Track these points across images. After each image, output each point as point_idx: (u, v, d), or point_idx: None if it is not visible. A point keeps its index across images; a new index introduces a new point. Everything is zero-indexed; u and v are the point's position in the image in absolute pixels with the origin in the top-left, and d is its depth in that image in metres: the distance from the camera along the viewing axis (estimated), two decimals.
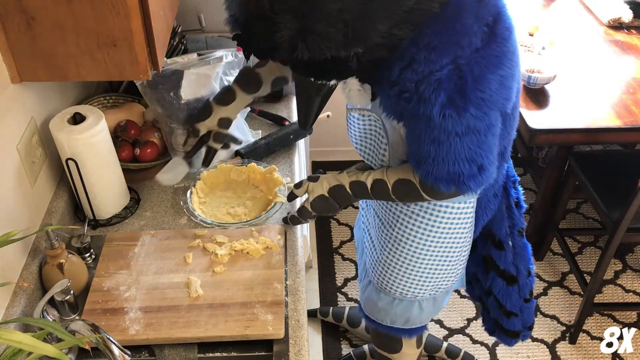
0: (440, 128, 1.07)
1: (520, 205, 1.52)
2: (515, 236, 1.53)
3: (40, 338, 0.89)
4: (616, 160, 2.36)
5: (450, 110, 1.05)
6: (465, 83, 1.04)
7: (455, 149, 1.10)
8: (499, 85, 1.07)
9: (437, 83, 1.04)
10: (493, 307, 1.66)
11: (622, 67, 2.25)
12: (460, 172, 1.13)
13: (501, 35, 1.07)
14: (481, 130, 1.10)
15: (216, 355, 1.24)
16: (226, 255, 1.38)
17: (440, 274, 1.50)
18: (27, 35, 1.17)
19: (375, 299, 1.61)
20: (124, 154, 1.56)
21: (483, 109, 1.07)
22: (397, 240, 1.46)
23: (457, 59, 1.03)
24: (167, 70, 1.54)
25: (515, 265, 1.56)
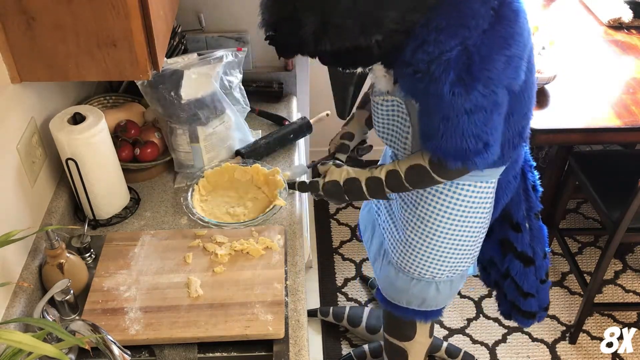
0: (450, 105, 1.15)
1: (537, 189, 1.57)
2: (532, 219, 1.58)
3: (40, 338, 0.89)
4: (616, 160, 2.36)
5: (459, 88, 1.13)
6: (473, 62, 1.11)
7: (463, 125, 1.17)
8: (505, 65, 1.14)
9: (446, 63, 1.11)
10: (510, 289, 1.70)
11: (622, 67, 2.25)
12: (467, 148, 1.19)
13: (507, 17, 1.14)
14: (488, 108, 1.16)
15: (216, 355, 1.24)
16: (226, 255, 1.38)
17: (459, 254, 1.53)
18: (27, 35, 1.17)
19: (393, 279, 1.63)
20: (124, 154, 1.56)
21: (490, 86, 1.14)
22: (419, 218, 1.49)
23: (465, 40, 1.11)
24: (167, 70, 1.54)
25: (532, 247, 1.60)
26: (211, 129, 1.58)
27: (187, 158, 1.61)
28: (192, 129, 1.56)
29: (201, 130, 1.56)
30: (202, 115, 1.56)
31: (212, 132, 1.59)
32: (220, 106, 1.60)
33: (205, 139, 1.58)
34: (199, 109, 1.56)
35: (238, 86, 1.75)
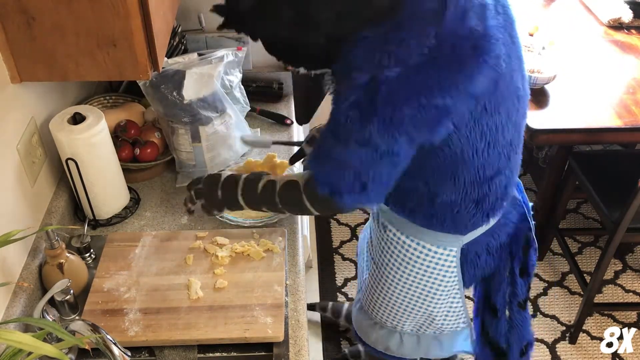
0: (343, 126, 1.05)
1: (528, 274, 1.41)
2: (513, 307, 1.43)
3: (40, 338, 0.89)
4: (616, 160, 2.36)
5: (355, 113, 1.02)
6: (379, 94, 1.00)
7: (348, 154, 1.06)
8: (415, 113, 1.00)
9: (354, 82, 1.02)
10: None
11: (622, 67, 2.25)
12: (342, 178, 1.09)
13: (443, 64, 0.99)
14: (380, 149, 1.04)
15: (216, 355, 1.24)
16: (227, 257, 1.38)
17: (419, 312, 1.47)
18: (27, 35, 1.17)
19: (361, 318, 1.62)
20: (124, 154, 1.56)
21: (389, 128, 1.02)
22: (379, 265, 1.46)
23: (381, 67, 0.99)
24: (169, 70, 1.54)
25: (506, 339, 1.45)
26: (213, 129, 1.58)
27: (188, 158, 1.61)
28: (193, 129, 1.56)
29: (203, 129, 1.56)
30: (203, 115, 1.56)
31: (213, 131, 1.58)
32: (221, 105, 1.59)
33: (207, 138, 1.58)
34: (200, 109, 1.56)
35: (238, 85, 1.75)
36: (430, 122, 1.03)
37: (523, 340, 1.46)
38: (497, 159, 1.17)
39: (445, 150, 1.11)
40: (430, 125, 1.04)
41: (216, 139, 1.60)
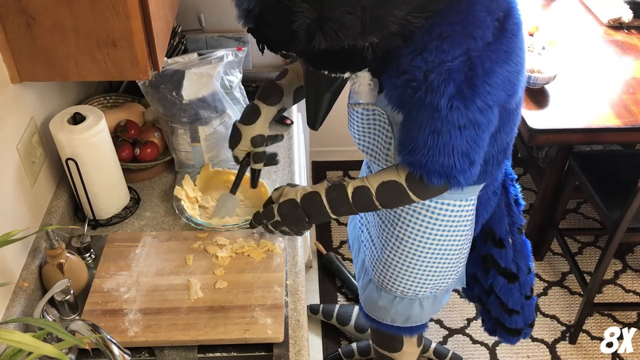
0: (445, 119, 1.07)
1: (519, 203, 1.53)
2: (515, 234, 1.54)
3: (40, 338, 0.89)
4: (616, 160, 2.36)
5: (458, 102, 1.05)
6: (476, 75, 1.05)
7: (454, 141, 1.10)
8: (505, 80, 1.08)
9: (447, 73, 1.04)
10: (494, 306, 1.66)
11: (622, 67, 2.25)
12: (454, 165, 1.12)
13: (511, 31, 1.08)
14: (481, 125, 1.10)
15: (216, 355, 1.24)
16: (227, 258, 1.38)
17: (442, 272, 1.50)
18: (27, 35, 1.17)
19: (376, 298, 1.61)
20: (124, 154, 1.56)
21: (488, 102, 1.08)
22: (398, 238, 1.45)
23: (469, 50, 1.04)
24: (168, 70, 1.54)
25: (515, 263, 1.56)
26: (212, 129, 1.58)
27: (188, 158, 1.61)
28: (193, 129, 1.56)
29: (202, 129, 1.56)
30: (203, 115, 1.56)
31: (213, 131, 1.58)
32: (221, 106, 1.59)
33: (206, 138, 1.58)
34: (200, 109, 1.56)
35: (238, 86, 1.75)
36: (515, 84, 1.11)
37: (527, 260, 1.58)
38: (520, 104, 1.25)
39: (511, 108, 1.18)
40: (516, 87, 1.12)
41: (215, 139, 1.60)
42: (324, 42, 0.97)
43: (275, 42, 1.06)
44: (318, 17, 0.95)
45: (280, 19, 0.99)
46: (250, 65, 2.04)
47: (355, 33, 0.97)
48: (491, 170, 1.30)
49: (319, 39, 0.97)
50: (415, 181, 1.18)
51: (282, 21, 0.98)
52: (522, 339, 1.70)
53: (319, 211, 1.24)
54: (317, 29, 0.96)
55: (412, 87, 1.07)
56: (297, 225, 1.27)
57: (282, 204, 1.26)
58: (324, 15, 0.95)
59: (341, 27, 0.96)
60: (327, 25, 0.95)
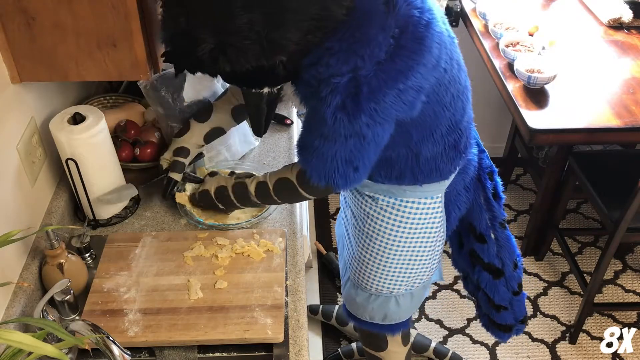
0: (331, 127, 1.13)
1: (499, 197, 1.54)
2: (497, 228, 1.55)
3: (40, 338, 0.89)
4: (616, 160, 2.36)
5: (342, 115, 1.10)
6: (361, 93, 1.08)
7: (337, 148, 1.16)
8: (396, 99, 1.10)
9: (334, 86, 1.08)
10: (483, 302, 1.68)
11: (622, 67, 2.25)
12: (336, 169, 1.19)
13: (408, 48, 1.09)
14: (367, 137, 1.14)
15: (216, 355, 1.24)
16: (227, 258, 1.38)
17: (415, 269, 1.52)
18: (27, 35, 1.17)
19: (354, 295, 1.63)
20: (124, 154, 1.56)
21: (375, 118, 1.11)
22: (368, 236, 1.48)
23: (357, 69, 1.06)
24: (168, 71, 1.54)
25: (500, 258, 1.57)
26: None
27: None
28: None
29: None
30: None
31: None
32: None
33: None
34: None
35: None
36: (409, 102, 1.14)
37: (513, 255, 1.58)
38: (461, 103, 1.29)
39: (420, 116, 1.21)
40: (410, 105, 1.14)
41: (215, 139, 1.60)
42: (228, 65, 1.03)
43: (188, 66, 1.11)
44: (218, 43, 1.01)
45: (186, 46, 1.04)
46: None
47: (256, 55, 1.02)
48: (444, 167, 1.34)
49: (223, 63, 1.03)
50: (303, 179, 1.26)
51: (189, 47, 1.04)
52: (514, 336, 1.70)
53: (229, 203, 1.40)
54: (220, 54, 1.02)
55: (310, 93, 1.13)
56: (212, 208, 1.44)
57: (200, 193, 1.43)
58: (223, 41, 1.01)
59: (240, 52, 1.01)
60: (228, 50, 1.01)
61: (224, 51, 1.01)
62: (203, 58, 1.03)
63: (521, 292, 1.64)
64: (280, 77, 1.13)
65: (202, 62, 1.04)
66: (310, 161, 1.21)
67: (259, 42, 1.00)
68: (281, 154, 1.70)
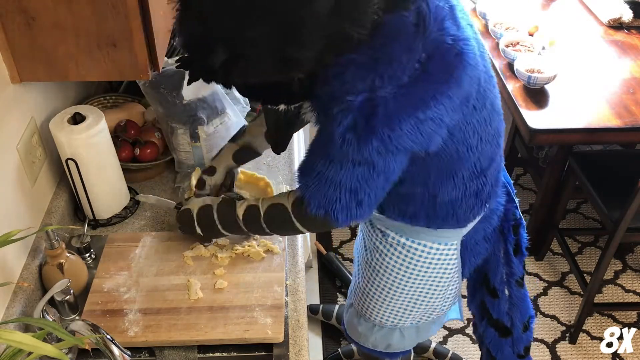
0: (338, 149, 1.03)
1: (522, 252, 1.45)
2: (512, 285, 1.47)
3: (40, 338, 0.89)
4: (616, 160, 2.36)
5: (352, 136, 1.01)
6: (375, 115, 0.99)
7: (343, 174, 1.06)
8: (413, 128, 1.01)
9: (348, 104, 1.00)
10: (486, 357, 1.61)
11: (622, 67, 2.25)
12: (338, 198, 1.09)
13: (435, 76, 1.01)
14: (377, 167, 1.05)
15: (216, 355, 1.24)
16: (227, 258, 1.38)
17: (421, 307, 1.47)
18: (27, 35, 1.17)
19: (356, 323, 1.60)
20: (124, 154, 1.56)
21: (388, 146, 1.02)
22: (375, 269, 1.44)
23: (374, 88, 0.98)
24: (168, 70, 1.54)
25: (509, 317, 1.50)
26: (212, 129, 1.58)
27: (187, 158, 1.61)
28: (192, 129, 1.56)
29: (202, 129, 1.56)
30: (202, 115, 1.56)
31: (212, 131, 1.58)
32: (220, 105, 1.60)
33: (206, 138, 1.58)
34: (200, 109, 1.55)
35: None
36: (427, 134, 1.03)
37: (525, 315, 1.51)
38: (489, 149, 1.20)
39: (441, 154, 1.12)
40: (428, 137, 1.04)
41: (215, 139, 1.60)
42: (240, 78, 0.99)
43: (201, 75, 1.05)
44: (231, 54, 0.95)
45: (201, 54, 0.99)
46: None
47: (268, 71, 0.96)
48: (462, 214, 1.26)
49: (235, 75, 0.97)
50: (299, 207, 1.16)
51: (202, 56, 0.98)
52: None
53: (209, 224, 1.28)
54: (233, 65, 0.96)
55: (320, 111, 1.05)
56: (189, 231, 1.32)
57: (180, 212, 1.33)
58: (236, 53, 0.95)
59: (254, 64, 0.95)
60: (241, 62, 0.95)
61: (237, 63, 0.95)
62: (215, 68, 0.97)
63: (527, 356, 1.56)
64: (296, 95, 1.05)
65: (215, 72, 0.99)
66: (310, 186, 1.11)
67: (273, 56, 0.94)
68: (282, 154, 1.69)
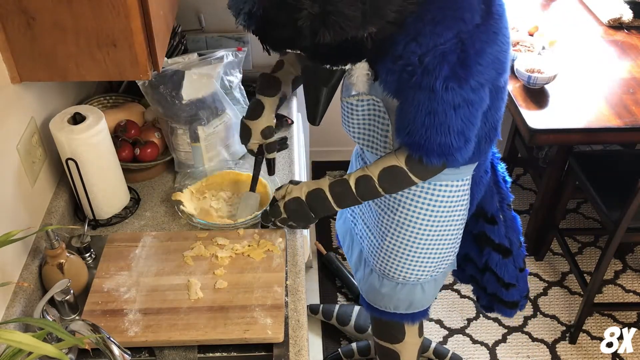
0: (440, 99, 1.11)
1: (506, 180, 1.58)
2: (505, 210, 1.58)
3: (40, 338, 0.89)
4: (616, 160, 2.36)
5: (453, 83, 1.10)
6: (468, 56, 1.09)
7: (449, 120, 1.14)
8: (495, 59, 1.14)
9: (441, 56, 1.08)
10: (490, 282, 1.70)
11: (622, 67, 2.25)
12: (450, 143, 1.17)
13: (497, 12, 1.14)
14: (475, 103, 1.15)
15: (216, 355, 1.24)
16: (227, 258, 1.38)
17: (441, 254, 1.53)
18: (27, 35, 1.17)
19: (378, 286, 1.62)
20: (124, 154, 1.56)
21: (480, 80, 1.13)
22: (399, 225, 1.47)
23: (460, 33, 1.09)
24: (168, 70, 1.54)
25: (508, 238, 1.60)
26: (212, 129, 1.58)
27: (187, 158, 1.61)
28: (192, 129, 1.56)
29: (201, 130, 1.56)
30: (202, 115, 1.56)
31: (212, 131, 1.59)
32: (220, 106, 1.60)
33: (206, 138, 1.58)
34: (199, 109, 1.56)
35: (238, 86, 1.75)
36: (504, 62, 1.17)
37: (518, 233, 1.62)
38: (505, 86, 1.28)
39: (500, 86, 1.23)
40: (504, 65, 1.18)
41: (215, 139, 1.60)
42: (328, 36, 1.01)
43: (280, 41, 1.08)
44: (321, 12, 0.99)
45: (284, 17, 1.01)
46: (250, 65, 2.04)
47: (357, 24, 1.01)
48: (484, 148, 1.34)
49: (323, 33, 1.00)
50: (414, 163, 1.22)
51: (286, 19, 1.01)
52: (519, 311, 1.74)
53: (324, 207, 1.32)
54: (321, 24, 0.99)
55: (408, 71, 1.11)
56: (304, 220, 1.36)
57: (288, 202, 1.33)
58: (326, 10, 0.98)
59: (344, 20, 0.99)
60: (330, 19, 0.99)
61: (326, 20, 0.99)
62: (302, 29, 1.00)
63: (525, 268, 1.68)
64: (365, 52, 1.11)
65: (300, 33, 1.01)
66: (422, 143, 1.17)
67: (362, 9, 1.00)
68: (281, 153, 1.70)
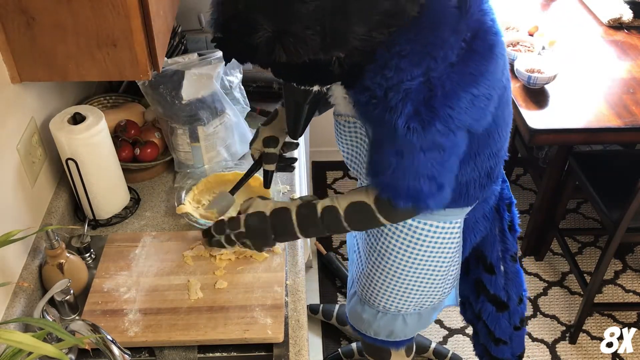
0: (404, 139, 1.04)
1: (515, 229, 1.49)
2: (507, 261, 1.50)
3: (40, 338, 0.89)
4: (616, 160, 2.36)
5: (415, 123, 1.02)
6: (435, 96, 1.01)
7: (417, 164, 1.07)
8: (470, 104, 1.04)
9: (405, 92, 1.01)
10: (482, 332, 1.64)
11: (622, 67, 2.25)
12: (420, 188, 1.10)
13: (480, 53, 1.04)
14: (446, 148, 1.07)
15: (216, 355, 1.24)
16: (227, 258, 1.38)
17: (425, 290, 1.48)
18: (27, 35, 1.17)
19: (360, 311, 1.60)
20: (124, 154, 1.56)
21: (450, 125, 1.04)
22: (380, 253, 1.44)
23: (429, 71, 1.00)
24: (168, 70, 1.54)
25: (506, 291, 1.53)
26: (211, 129, 1.58)
27: (187, 158, 1.61)
28: (192, 129, 1.56)
29: (201, 130, 1.56)
30: (202, 115, 1.56)
31: (212, 131, 1.59)
32: (220, 106, 1.60)
33: (206, 138, 1.58)
34: (199, 109, 1.56)
35: (238, 86, 1.75)
36: (482, 110, 1.07)
37: (520, 289, 1.55)
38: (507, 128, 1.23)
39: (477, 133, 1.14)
40: (482, 113, 1.08)
41: (215, 139, 1.61)
42: (283, 56, 0.96)
43: (238, 53, 1.04)
44: (277, 31, 0.94)
45: (242, 31, 0.97)
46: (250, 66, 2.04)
47: (315, 48, 0.95)
48: (473, 193, 1.27)
49: (279, 53, 0.95)
50: (383, 203, 1.16)
51: (243, 33, 0.97)
52: None
53: (286, 229, 1.22)
54: (277, 43, 0.94)
55: (373, 104, 1.04)
56: (261, 240, 1.25)
57: (250, 215, 1.24)
58: (282, 29, 0.94)
59: (300, 42, 0.94)
60: (286, 39, 0.94)
61: (282, 40, 0.94)
62: (258, 46, 0.95)
63: (522, 327, 1.60)
64: (333, 76, 1.04)
65: (256, 50, 0.97)
66: (390, 184, 1.11)
67: (321, 33, 0.93)
68: None
